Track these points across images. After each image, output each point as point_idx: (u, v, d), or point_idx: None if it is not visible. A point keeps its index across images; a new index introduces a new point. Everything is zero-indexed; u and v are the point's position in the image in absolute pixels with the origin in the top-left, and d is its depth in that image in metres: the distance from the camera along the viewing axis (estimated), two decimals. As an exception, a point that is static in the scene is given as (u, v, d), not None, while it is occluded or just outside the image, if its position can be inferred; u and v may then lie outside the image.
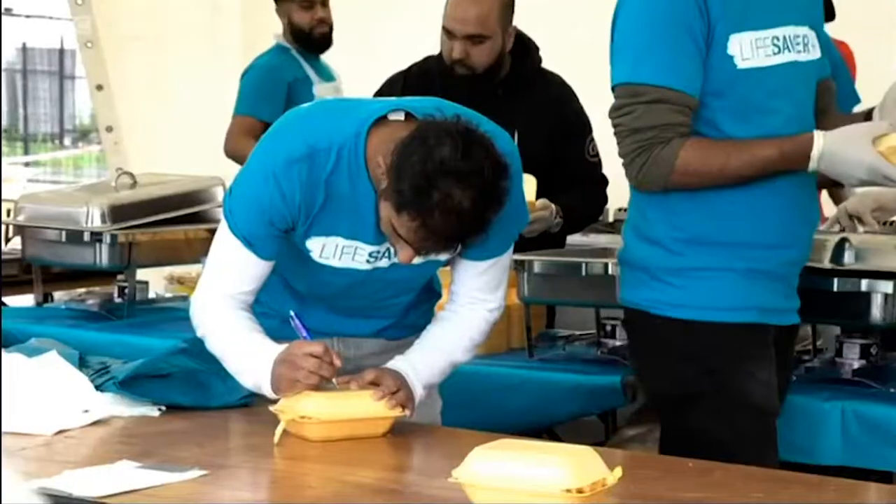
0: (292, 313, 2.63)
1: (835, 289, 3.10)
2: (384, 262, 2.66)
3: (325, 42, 5.34)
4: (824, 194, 4.43)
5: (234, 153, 5.07)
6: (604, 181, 4.05)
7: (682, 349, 2.74)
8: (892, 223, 4.04)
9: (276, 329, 2.69)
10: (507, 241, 2.72)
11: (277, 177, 2.53)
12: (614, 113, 2.72)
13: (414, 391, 2.62)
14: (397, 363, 2.67)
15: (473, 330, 2.76)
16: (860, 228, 3.66)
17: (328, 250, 2.63)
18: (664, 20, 2.66)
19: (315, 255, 2.64)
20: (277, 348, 2.58)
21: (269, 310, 2.74)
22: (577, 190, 3.92)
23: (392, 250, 2.61)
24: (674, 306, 2.73)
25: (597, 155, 4.01)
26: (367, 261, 2.64)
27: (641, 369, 2.95)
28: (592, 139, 3.99)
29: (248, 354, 2.62)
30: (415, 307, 2.85)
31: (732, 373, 2.72)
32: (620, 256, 2.86)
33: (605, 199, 4.12)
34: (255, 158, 2.60)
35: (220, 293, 2.67)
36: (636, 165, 2.70)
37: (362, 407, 2.56)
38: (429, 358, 2.70)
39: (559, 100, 3.98)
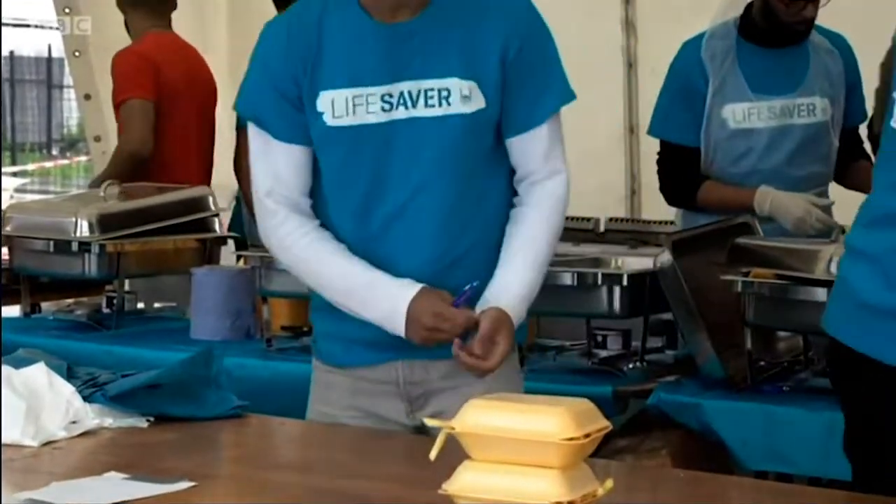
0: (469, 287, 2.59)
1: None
2: (401, 112, 2.56)
3: None
4: None
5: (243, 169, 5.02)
6: None
7: None
8: None
9: None
10: (544, 106, 2.64)
11: (268, 33, 2.63)
12: None
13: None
14: (502, 306, 2.60)
15: (552, 216, 2.68)
16: None
17: (339, 106, 2.56)
18: None
19: (328, 119, 2.57)
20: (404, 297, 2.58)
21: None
22: None
23: (406, 94, 2.56)
24: None
25: None
26: (383, 108, 2.55)
27: None
28: None
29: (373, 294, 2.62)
30: None
31: None
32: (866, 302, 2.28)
33: None
34: None
35: (268, 196, 2.63)
36: None
37: (526, 424, 2.02)
38: (526, 283, 2.67)
39: None
